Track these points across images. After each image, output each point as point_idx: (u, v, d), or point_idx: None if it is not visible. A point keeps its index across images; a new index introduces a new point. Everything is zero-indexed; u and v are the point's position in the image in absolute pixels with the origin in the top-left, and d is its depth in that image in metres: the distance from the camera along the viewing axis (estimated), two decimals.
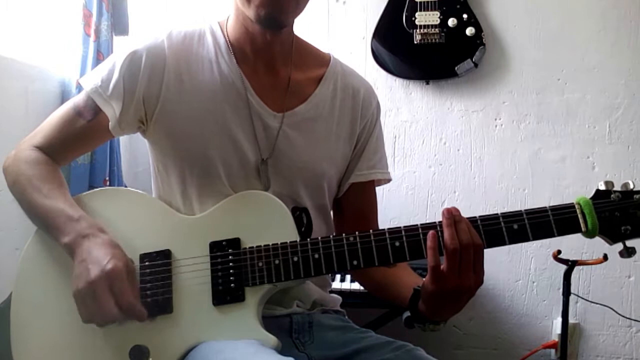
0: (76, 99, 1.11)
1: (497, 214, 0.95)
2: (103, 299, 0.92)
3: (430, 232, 0.94)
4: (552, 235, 0.95)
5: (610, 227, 0.94)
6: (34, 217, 1.06)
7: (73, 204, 1.03)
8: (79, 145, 1.14)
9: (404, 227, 0.97)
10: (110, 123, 1.08)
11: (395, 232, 0.97)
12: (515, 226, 0.94)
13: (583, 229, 0.94)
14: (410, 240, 0.96)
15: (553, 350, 2.31)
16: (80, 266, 0.95)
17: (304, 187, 1.11)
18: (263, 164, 1.08)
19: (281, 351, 0.96)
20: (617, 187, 0.96)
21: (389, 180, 1.24)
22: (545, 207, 0.95)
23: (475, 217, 0.95)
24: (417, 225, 0.96)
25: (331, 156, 1.15)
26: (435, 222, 0.96)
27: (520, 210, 0.95)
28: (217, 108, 1.07)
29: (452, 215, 0.93)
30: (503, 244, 0.95)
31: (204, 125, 1.06)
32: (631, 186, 0.95)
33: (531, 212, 0.95)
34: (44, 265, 1.06)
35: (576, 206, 0.95)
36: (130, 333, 0.99)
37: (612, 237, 0.94)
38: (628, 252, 0.94)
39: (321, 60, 1.19)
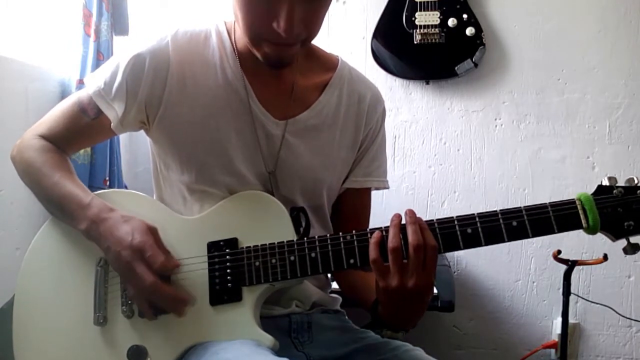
0: (80, 95, 1.11)
1: (495, 210, 0.94)
2: (142, 274, 0.94)
3: (376, 232, 0.95)
4: (552, 232, 0.93)
5: (612, 223, 0.92)
6: (48, 205, 1.08)
7: (84, 188, 1.06)
8: (82, 139, 1.17)
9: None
10: (112, 124, 1.08)
11: None
12: (515, 223, 0.93)
13: (584, 225, 0.92)
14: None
15: (553, 350, 2.31)
16: (109, 253, 0.97)
17: (300, 192, 1.11)
18: (272, 176, 1.08)
19: (280, 351, 0.96)
20: (621, 184, 0.94)
21: (386, 188, 1.23)
22: (545, 204, 0.93)
23: (473, 214, 0.95)
24: None
25: (333, 164, 1.14)
26: (433, 220, 0.96)
27: (520, 207, 0.94)
28: (219, 114, 1.06)
29: (399, 217, 0.96)
30: (502, 241, 0.94)
31: (205, 133, 1.06)
32: (636, 181, 0.93)
33: (530, 209, 0.93)
34: (46, 266, 1.07)
35: (577, 202, 0.93)
36: (128, 333, 1.00)
37: (614, 234, 0.93)
38: (632, 249, 0.92)
39: (328, 64, 1.17)
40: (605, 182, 0.95)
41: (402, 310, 0.98)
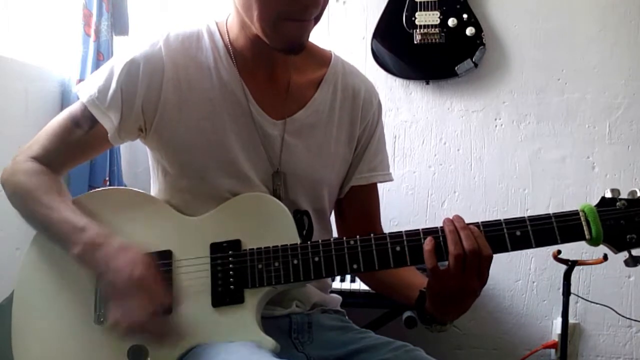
0: (73, 109, 1.08)
1: (499, 220, 0.95)
2: (137, 310, 0.91)
3: (429, 237, 0.94)
4: (555, 243, 0.94)
5: (615, 235, 0.93)
6: (37, 229, 1.05)
7: (76, 211, 1.01)
8: (77, 156, 1.11)
9: (406, 231, 0.97)
10: (109, 134, 1.05)
11: (396, 236, 0.96)
12: (518, 233, 0.94)
13: (587, 237, 0.93)
14: (411, 245, 0.96)
15: (553, 350, 2.31)
16: (104, 280, 0.95)
17: (303, 193, 1.11)
18: (277, 176, 1.08)
19: (280, 351, 0.97)
20: (624, 195, 0.94)
21: (391, 180, 1.23)
22: (549, 214, 0.94)
23: (477, 222, 0.95)
24: (418, 230, 0.96)
25: (332, 162, 1.14)
26: (437, 227, 0.96)
27: (524, 217, 0.94)
28: (217, 118, 1.05)
29: (453, 222, 0.94)
30: (505, 250, 0.94)
31: (203, 136, 1.05)
32: (638, 194, 0.94)
33: (534, 219, 0.94)
34: (46, 265, 1.06)
35: (580, 213, 0.94)
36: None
37: (617, 246, 0.93)
38: (634, 261, 0.93)
39: (322, 59, 1.16)
40: (608, 194, 0.95)
41: (455, 307, 0.99)
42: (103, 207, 1.06)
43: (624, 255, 0.94)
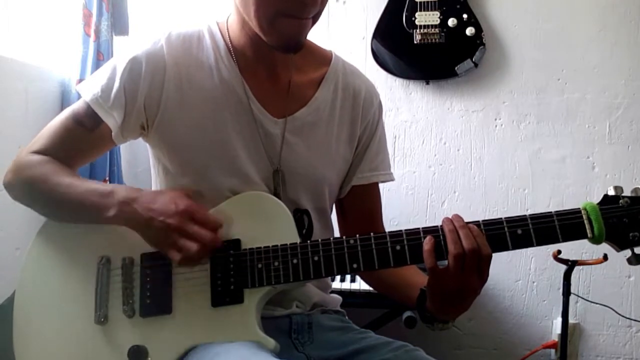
0: (75, 108, 1.08)
1: (500, 218, 0.94)
2: (198, 233, 0.95)
3: (428, 236, 0.94)
4: (557, 241, 0.93)
5: (617, 233, 0.92)
6: (62, 211, 1.05)
7: (98, 182, 1.05)
8: (80, 155, 1.11)
9: (406, 230, 0.96)
10: (112, 132, 1.05)
11: (396, 235, 0.96)
12: (519, 231, 0.93)
13: (589, 235, 0.93)
14: (411, 244, 0.95)
15: (553, 350, 2.31)
16: (152, 225, 0.96)
17: (304, 192, 1.11)
18: (276, 175, 1.08)
19: (280, 352, 0.96)
20: (627, 193, 0.93)
21: (392, 180, 1.23)
22: (551, 212, 0.93)
23: (478, 221, 0.95)
24: (418, 228, 0.96)
25: (332, 160, 1.14)
26: (437, 226, 0.96)
27: (525, 215, 0.94)
28: (218, 116, 1.05)
29: (452, 221, 0.94)
30: (506, 249, 0.94)
31: (205, 135, 1.05)
32: None
33: (536, 217, 0.93)
34: (47, 265, 1.06)
35: (582, 211, 0.93)
36: (129, 333, 1.00)
37: (619, 244, 0.93)
38: (637, 259, 0.92)
39: (322, 59, 1.17)
40: (611, 192, 0.94)
41: (455, 306, 0.99)
42: None
43: (625, 254, 0.94)
